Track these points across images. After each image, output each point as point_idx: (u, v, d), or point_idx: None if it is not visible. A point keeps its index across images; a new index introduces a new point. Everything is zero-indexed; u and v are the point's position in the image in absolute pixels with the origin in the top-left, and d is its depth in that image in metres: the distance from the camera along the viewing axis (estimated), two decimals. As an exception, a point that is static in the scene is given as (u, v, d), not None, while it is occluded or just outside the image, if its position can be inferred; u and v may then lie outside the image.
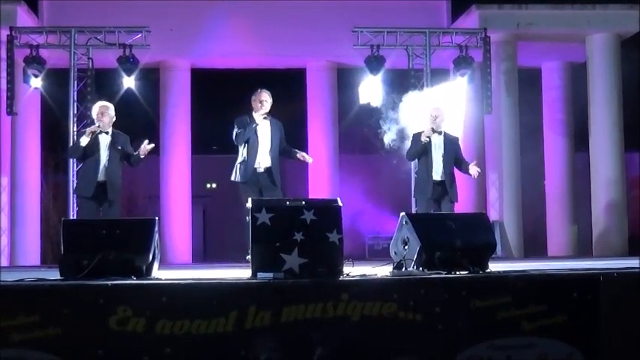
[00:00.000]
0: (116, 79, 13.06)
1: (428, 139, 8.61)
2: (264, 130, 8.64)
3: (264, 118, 8.64)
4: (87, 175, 8.36)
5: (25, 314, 4.52)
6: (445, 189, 8.66)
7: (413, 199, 10.09)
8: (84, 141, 8.22)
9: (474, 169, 8.75)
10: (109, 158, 8.28)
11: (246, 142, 8.62)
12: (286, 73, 16.92)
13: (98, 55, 13.21)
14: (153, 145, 8.42)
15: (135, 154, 8.42)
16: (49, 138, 16.00)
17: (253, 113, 8.68)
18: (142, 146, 8.35)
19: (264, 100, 8.63)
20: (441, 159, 8.68)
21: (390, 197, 16.04)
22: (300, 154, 8.84)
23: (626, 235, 14.87)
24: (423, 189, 8.76)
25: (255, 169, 8.61)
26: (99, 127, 8.25)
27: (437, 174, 8.67)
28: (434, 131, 8.66)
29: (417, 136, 8.77)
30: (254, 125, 8.57)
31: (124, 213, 16.97)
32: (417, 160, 8.98)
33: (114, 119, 8.43)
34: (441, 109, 8.86)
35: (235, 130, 8.64)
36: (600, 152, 15.03)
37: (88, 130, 8.32)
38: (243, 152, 8.65)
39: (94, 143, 8.27)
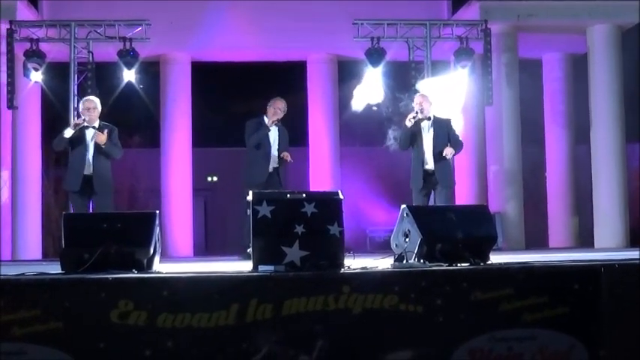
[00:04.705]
0: (116, 73, 13.02)
1: (412, 122, 8.59)
2: (273, 135, 9.23)
3: (275, 124, 9.23)
4: (73, 170, 8.42)
5: (27, 308, 4.52)
6: (437, 178, 8.62)
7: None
8: (67, 132, 8.32)
9: (446, 150, 8.63)
10: (95, 152, 8.32)
11: (257, 146, 9.22)
12: (286, 65, 16.88)
13: (98, 48, 13.18)
14: (105, 136, 8.35)
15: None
16: (50, 132, 15.93)
17: (265, 117, 9.27)
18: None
19: (279, 109, 9.25)
20: (432, 146, 8.63)
21: (391, 189, 16.01)
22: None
23: (627, 227, 14.84)
24: (414, 180, 8.74)
25: (268, 170, 9.17)
26: (84, 120, 8.31)
27: (428, 163, 8.62)
28: (422, 118, 8.64)
29: (404, 124, 8.81)
30: (267, 131, 9.17)
31: (125, 206, 17.07)
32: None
33: (99, 113, 8.48)
34: (426, 96, 8.89)
35: (249, 134, 9.26)
36: (601, 144, 14.97)
37: (73, 122, 8.41)
38: (253, 155, 9.24)
39: (81, 137, 8.34)
